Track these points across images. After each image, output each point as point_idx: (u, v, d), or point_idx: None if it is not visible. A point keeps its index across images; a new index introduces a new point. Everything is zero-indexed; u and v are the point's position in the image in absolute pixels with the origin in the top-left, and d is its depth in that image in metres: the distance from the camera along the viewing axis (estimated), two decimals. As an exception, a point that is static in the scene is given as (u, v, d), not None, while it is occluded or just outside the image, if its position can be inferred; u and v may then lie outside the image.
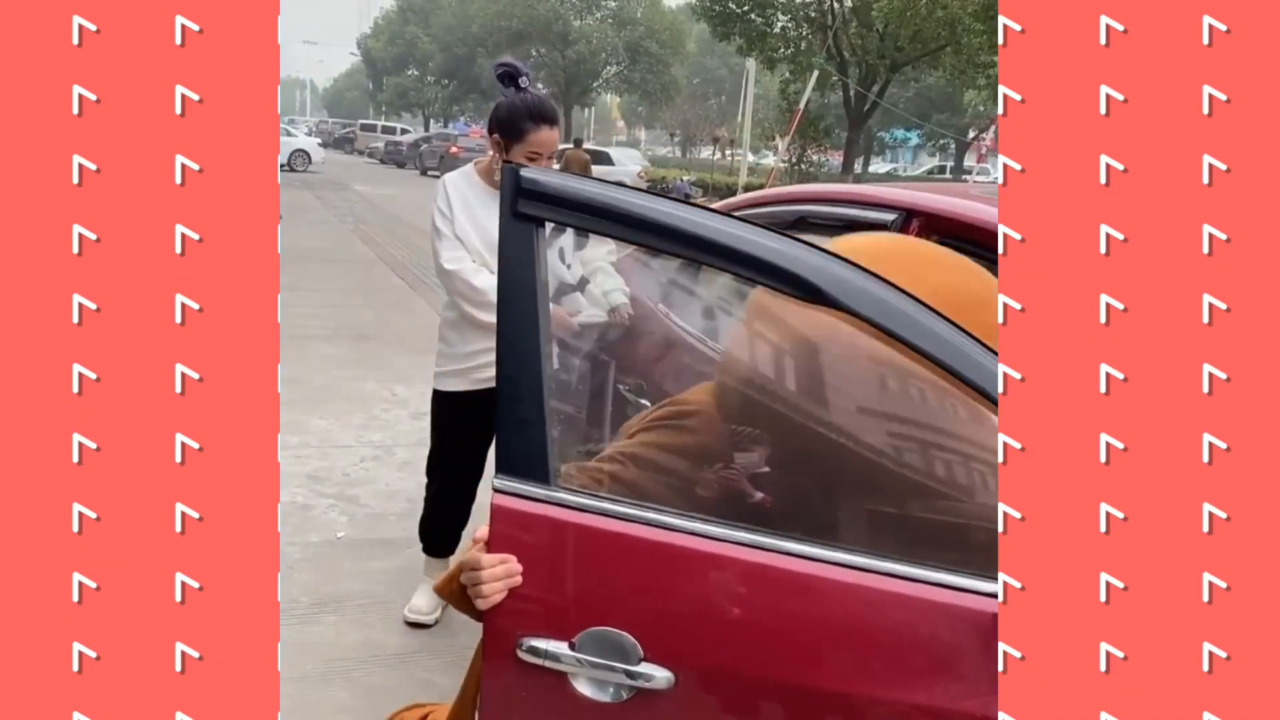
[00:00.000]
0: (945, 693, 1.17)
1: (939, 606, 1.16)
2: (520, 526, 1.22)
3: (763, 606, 1.20)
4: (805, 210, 2.36)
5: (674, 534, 1.20)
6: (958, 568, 1.17)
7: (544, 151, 2.58)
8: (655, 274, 2.87)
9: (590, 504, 1.22)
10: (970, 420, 1.25)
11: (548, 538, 1.22)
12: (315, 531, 3.48)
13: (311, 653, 2.70)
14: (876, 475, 1.31)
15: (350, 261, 10.21)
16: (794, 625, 1.19)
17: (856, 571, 1.18)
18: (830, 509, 1.38)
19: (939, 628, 1.17)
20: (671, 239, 1.22)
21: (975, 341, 1.19)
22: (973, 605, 1.15)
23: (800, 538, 1.20)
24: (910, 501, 1.33)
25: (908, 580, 1.17)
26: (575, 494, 1.23)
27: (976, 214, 1.87)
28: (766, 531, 1.20)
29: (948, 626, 1.16)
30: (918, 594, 1.16)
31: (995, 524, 1.06)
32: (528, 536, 1.22)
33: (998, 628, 1.05)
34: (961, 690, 1.16)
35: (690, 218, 1.21)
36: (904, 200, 2.06)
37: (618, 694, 1.20)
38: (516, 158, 2.56)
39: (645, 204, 1.21)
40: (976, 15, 18.88)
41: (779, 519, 1.30)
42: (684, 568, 1.20)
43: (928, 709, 1.16)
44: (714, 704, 1.22)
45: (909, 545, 1.24)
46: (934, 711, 1.16)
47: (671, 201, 1.23)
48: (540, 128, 2.56)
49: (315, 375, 5.43)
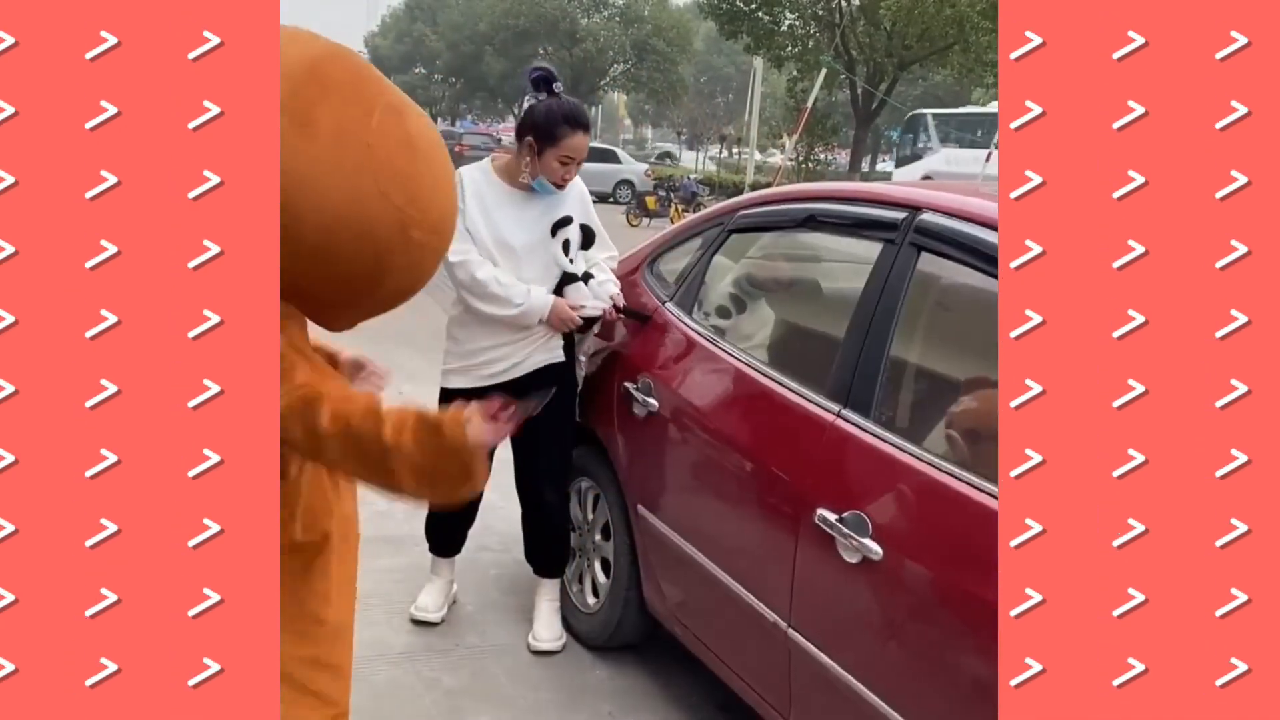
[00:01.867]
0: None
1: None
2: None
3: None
4: (813, 209, 2.35)
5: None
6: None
7: (576, 156, 2.59)
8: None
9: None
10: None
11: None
12: (321, 529, 3.47)
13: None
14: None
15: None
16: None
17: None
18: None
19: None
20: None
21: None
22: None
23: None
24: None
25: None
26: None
27: (984, 211, 1.86)
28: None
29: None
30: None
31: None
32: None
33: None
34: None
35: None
36: (911, 198, 2.05)
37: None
38: (549, 161, 2.56)
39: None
40: (984, 13, 18.81)
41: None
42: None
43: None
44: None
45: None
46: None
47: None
48: (575, 133, 2.57)
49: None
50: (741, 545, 2.20)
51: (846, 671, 1.84)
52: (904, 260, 1.97)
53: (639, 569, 2.64)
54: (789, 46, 23.67)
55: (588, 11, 40.60)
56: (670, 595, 2.52)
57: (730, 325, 2.67)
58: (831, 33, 22.62)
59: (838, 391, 2.00)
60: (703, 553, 2.30)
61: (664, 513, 2.48)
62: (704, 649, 2.39)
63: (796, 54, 23.51)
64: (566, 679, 2.75)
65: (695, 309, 2.65)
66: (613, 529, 2.77)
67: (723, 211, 2.72)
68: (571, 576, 2.99)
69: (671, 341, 2.60)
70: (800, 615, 1.97)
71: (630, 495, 2.64)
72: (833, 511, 1.85)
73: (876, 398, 1.93)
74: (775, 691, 2.08)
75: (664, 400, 2.50)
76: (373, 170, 1.21)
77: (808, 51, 23.12)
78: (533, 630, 2.87)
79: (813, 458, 1.99)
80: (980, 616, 1.58)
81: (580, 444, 2.86)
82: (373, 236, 1.23)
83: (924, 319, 2.14)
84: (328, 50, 1.27)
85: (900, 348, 2.00)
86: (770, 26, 23.82)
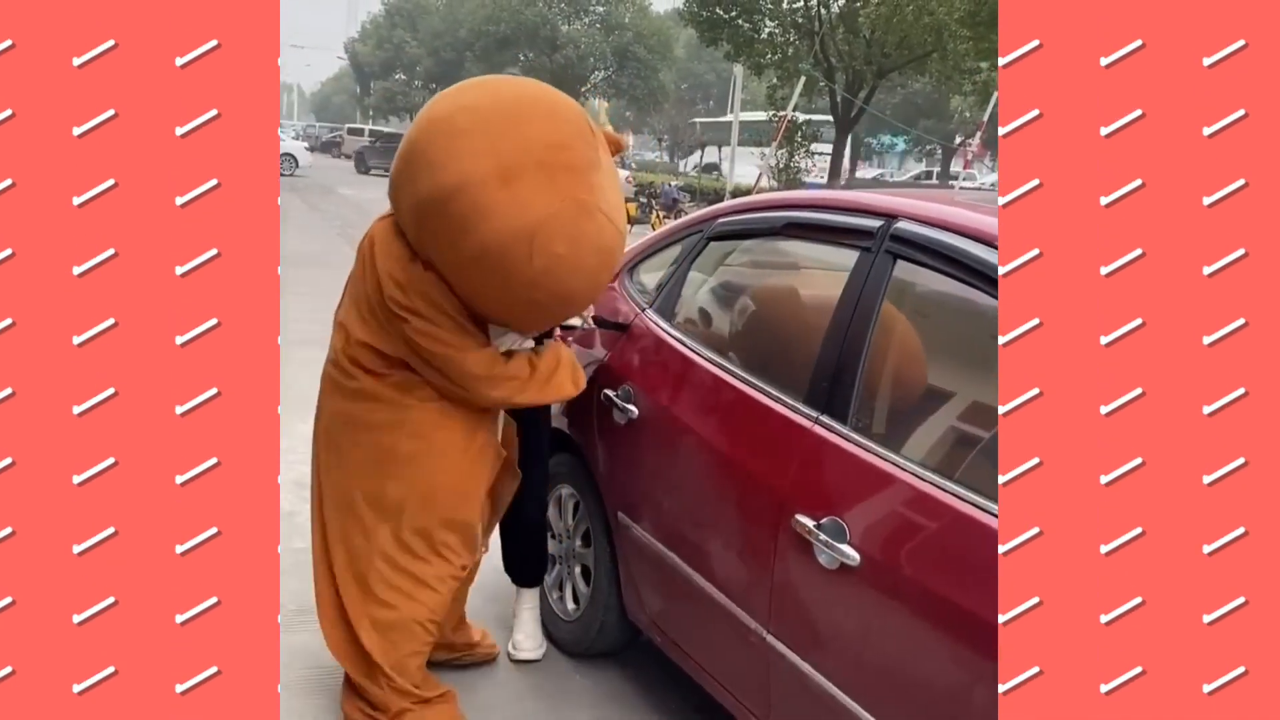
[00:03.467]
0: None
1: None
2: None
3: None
4: (791, 216, 2.36)
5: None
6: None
7: None
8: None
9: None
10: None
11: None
12: (300, 538, 3.45)
13: (295, 660, 2.68)
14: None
15: (336, 266, 10.14)
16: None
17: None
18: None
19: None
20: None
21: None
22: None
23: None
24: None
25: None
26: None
27: (959, 219, 1.87)
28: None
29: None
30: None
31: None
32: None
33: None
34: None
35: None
36: (888, 206, 2.07)
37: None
38: None
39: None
40: (962, 21, 18.94)
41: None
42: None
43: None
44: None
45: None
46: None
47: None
48: None
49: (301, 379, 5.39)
50: (721, 552, 2.20)
51: (826, 678, 1.84)
52: (880, 268, 1.99)
53: (619, 576, 2.64)
54: (769, 54, 23.74)
55: (568, 18, 40.62)
56: (650, 602, 2.52)
57: (709, 332, 2.68)
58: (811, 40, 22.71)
59: (815, 398, 2.01)
60: (683, 560, 2.30)
61: (644, 520, 2.48)
62: (684, 656, 2.40)
63: (776, 61, 23.58)
64: (547, 687, 2.74)
65: (674, 316, 2.66)
66: (593, 536, 2.77)
67: (701, 219, 2.73)
68: (551, 584, 2.99)
69: (651, 349, 2.60)
70: (779, 622, 1.97)
71: (610, 502, 2.64)
72: (810, 518, 1.86)
73: (853, 404, 1.94)
74: (755, 698, 2.09)
75: (643, 407, 2.51)
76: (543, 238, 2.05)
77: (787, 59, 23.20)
78: (513, 639, 2.86)
79: (790, 464, 2.00)
80: (958, 623, 1.59)
81: (560, 451, 2.86)
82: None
83: (900, 326, 2.16)
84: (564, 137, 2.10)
85: (877, 355, 2.01)
86: (750, 34, 23.89)
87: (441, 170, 2.04)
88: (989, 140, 24.71)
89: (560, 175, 2.07)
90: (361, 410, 2.32)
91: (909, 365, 2.11)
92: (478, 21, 39.21)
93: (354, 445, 2.34)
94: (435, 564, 2.36)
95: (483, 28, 38.91)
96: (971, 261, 1.77)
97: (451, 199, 2.04)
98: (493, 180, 2.01)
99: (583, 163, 2.12)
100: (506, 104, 2.12)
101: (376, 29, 52.22)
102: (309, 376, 5.15)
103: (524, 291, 2.13)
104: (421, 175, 2.08)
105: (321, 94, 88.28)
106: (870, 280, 1.99)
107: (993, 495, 1.60)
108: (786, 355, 2.37)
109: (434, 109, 2.17)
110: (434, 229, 2.11)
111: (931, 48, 21.24)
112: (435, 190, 2.05)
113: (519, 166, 2.03)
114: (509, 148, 2.04)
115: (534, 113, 2.12)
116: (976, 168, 32.48)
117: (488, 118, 2.08)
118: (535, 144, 2.06)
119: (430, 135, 2.10)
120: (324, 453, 2.42)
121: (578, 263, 2.12)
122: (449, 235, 2.08)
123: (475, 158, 2.03)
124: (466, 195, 2.02)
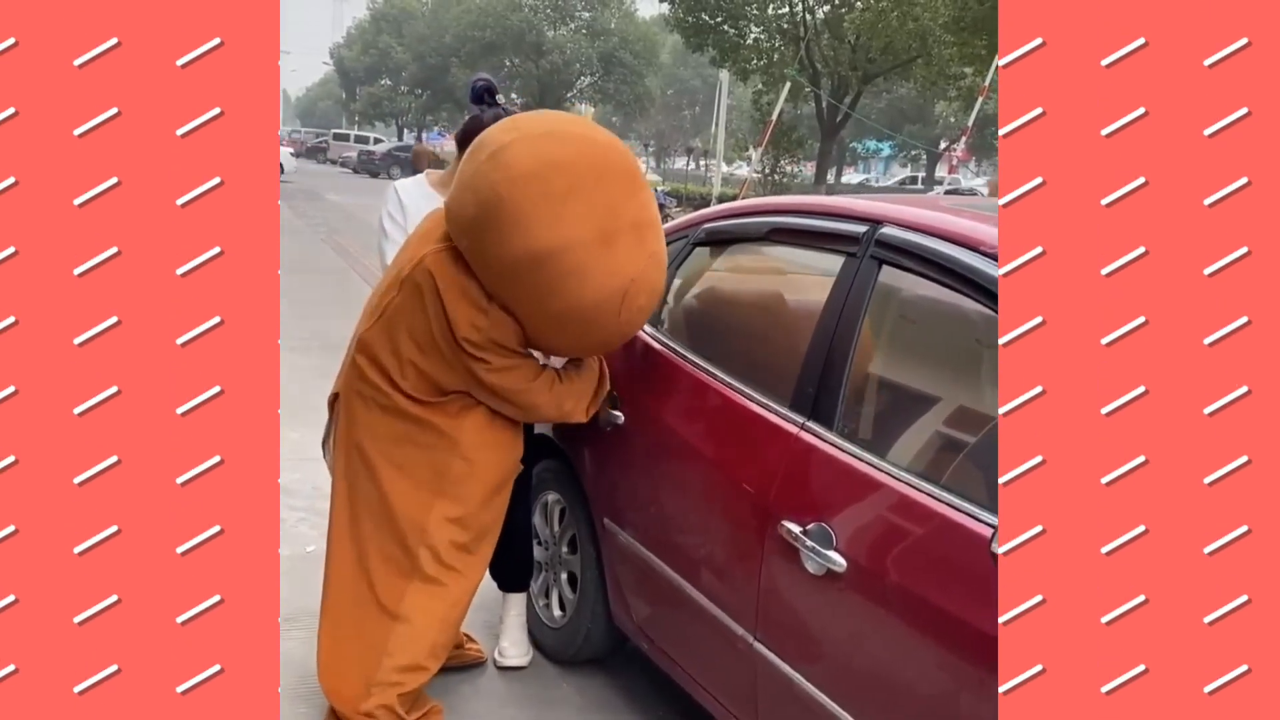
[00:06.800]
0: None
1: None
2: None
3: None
4: (777, 222, 2.37)
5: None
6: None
7: None
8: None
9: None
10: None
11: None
12: (285, 544, 3.43)
13: (283, 669, 2.66)
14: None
15: (323, 271, 10.14)
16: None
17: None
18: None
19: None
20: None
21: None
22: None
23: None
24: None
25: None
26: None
27: (944, 225, 1.88)
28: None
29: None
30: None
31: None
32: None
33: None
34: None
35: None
36: (873, 211, 2.07)
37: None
38: None
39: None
40: (947, 27, 19.05)
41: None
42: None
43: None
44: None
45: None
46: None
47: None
48: None
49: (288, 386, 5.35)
50: (707, 558, 2.20)
51: (813, 685, 1.84)
52: (865, 273, 1.99)
53: (605, 583, 2.63)
54: (754, 59, 23.83)
55: (554, 24, 40.64)
56: (637, 609, 2.51)
57: (695, 338, 2.67)
58: (796, 46, 22.80)
59: (801, 404, 2.01)
60: (669, 566, 2.30)
61: (630, 526, 2.48)
62: (670, 662, 2.39)
63: (762, 67, 23.68)
64: (534, 694, 2.73)
65: (660, 322, 2.65)
66: (579, 543, 2.76)
67: (687, 225, 2.73)
68: (538, 591, 2.98)
69: (637, 355, 2.60)
70: (766, 628, 1.97)
71: (597, 509, 2.63)
72: (797, 524, 1.86)
73: (840, 410, 1.94)
74: (742, 705, 2.08)
75: (630, 413, 2.50)
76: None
77: (773, 65, 23.29)
78: (499, 646, 2.85)
79: (777, 470, 2.00)
80: (944, 629, 1.59)
81: (547, 457, 2.86)
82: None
83: (886, 331, 2.16)
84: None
85: (862, 360, 2.02)
86: (736, 39, 23.98)
87: (544, 231, 2.06)
88: (973, 145, 24.83)
89: (646, 232, 2.20)
90: (412, 431, 2.32)
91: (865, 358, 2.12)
92: (463, 27, 39.19)
93: (399, 464, 2.33)
94: (470, 576, 2.43)
95: (468, 33, 38.89)
96: (957, 267, 1.77)
97: (550, 260, 2.07)
98: (594, 245, 2.10)
99: (656, 215, 2.27)
100: (593, 161, 2.15)
101: (362, 34, 52.14)
102: (298, 384, 5.15)
103: (601, 336, 2.28)
104: (514, 233, 2.07)
105: (307, 99, 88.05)
106: (856, 286, 2.00)
107: (979, 500, 1.60)
108: (772, 360, 2.37)
109: (515, 162, 2.09)
110: (527, 283, 2.13)
111: (916, 53, 21.36)
112: (534, 250, 2.07)
113: (615, 230, 2.12)
114: (604, 211, 2.12)
115: (619, 169, 2.19)
116: (961, 173, 32.65)
117: (581, 178, 2.11)
118: (627, 204, 2.16)
119: (524, 193, 2.07)
120: (359, 470, 2.38)
121: (650, 309, 2.30)
122: (540, 290, 2.13)
123: (577, 223, 2.08)
124: (569, 258, 2.08)
